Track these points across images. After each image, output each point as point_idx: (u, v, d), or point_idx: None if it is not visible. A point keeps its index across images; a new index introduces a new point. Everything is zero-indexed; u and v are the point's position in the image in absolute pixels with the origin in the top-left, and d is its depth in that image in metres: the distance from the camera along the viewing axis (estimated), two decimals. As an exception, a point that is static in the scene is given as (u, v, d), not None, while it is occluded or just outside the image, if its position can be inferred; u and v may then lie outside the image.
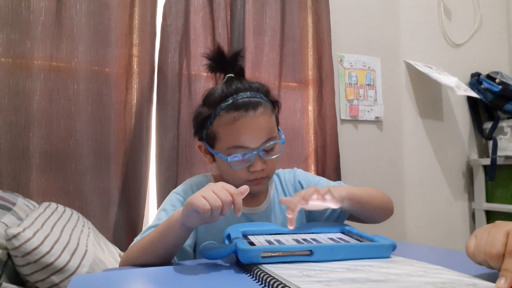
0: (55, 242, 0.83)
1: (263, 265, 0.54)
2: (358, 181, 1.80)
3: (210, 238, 0.77)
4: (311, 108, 1.74)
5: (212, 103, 0.80)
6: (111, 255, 1.10)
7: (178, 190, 0.86)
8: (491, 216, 2.03)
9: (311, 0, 1.76)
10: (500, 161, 1.95)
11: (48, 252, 0.80)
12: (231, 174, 0.81)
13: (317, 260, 0.57)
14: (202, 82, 1.51)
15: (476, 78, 2.13)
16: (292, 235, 0.71)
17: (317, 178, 0.94)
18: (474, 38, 2.25)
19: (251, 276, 0.52)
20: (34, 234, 0.79)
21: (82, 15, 1.35)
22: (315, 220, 0.89)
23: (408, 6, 2.05)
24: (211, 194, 0.59)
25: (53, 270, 0.80)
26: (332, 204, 0.73)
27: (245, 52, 1.59)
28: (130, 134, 1.40)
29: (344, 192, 0.76)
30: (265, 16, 1.65)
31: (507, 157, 1.93)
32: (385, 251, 0.61)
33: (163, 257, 0.68)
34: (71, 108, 1.32)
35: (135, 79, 1.42)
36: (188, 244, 0.78)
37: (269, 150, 0.81)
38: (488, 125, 2.11)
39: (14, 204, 0.98)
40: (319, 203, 0.71)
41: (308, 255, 0.57)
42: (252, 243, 0.61)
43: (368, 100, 1.88)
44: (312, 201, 0.69)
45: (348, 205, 0.77)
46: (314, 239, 0.66)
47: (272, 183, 0.92)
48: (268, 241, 0.64)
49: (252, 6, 1.62)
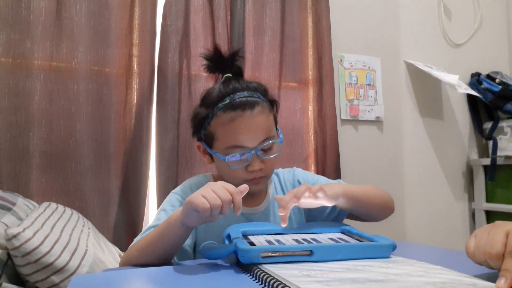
0: (55, 242, 0.83)
1: (263, 265, 0.54)
2: (358, 181, 1.80)
3: (210, 238, 0.77)
4: (311, 108, 1.74)
5: (210, 103, 0.81)
6: (111, 255, 1.10)
7: (177, 190, 0.86)
8: (491, 216, 2.03)
9: (311, 0, 1.76)
10: (500, 161, 1.95)
11: (48, 252, 0.80)
12: (230, 174, 0.81)
13: (317, 260, 0.57)
14: (202, 82, 1.51)
15: (476, 78, 2.13)
16: (292, 235, 0.71)
17: (316, 177, 0.93)
18: (474, 38, 2.25)
19: (251, 276, 0.52)
20: (34, 234, 0.79)
21: (82, 15, 1.35)
22: (314, 220, 0.89)
23: (408, 6, 2.05)
24: (211, 193, 0.59)
25: (53, 270, 0.80)
26: (325, 202, 0.72)
27: (245, 52, 1.59)
28: (130, 134, 1.40)
29: (339, 189, 0.75)
30: (265, 16, 1.65)
31: (507, 157, 1.93)
32: (385, 251, 0.61)
33: (163, 257, 0.68)
34: (71, 108, 1.32)
35: (135, 79, 1.43)
36: (188, 244, 0.78)
37: (267, 150, 0.81)
38: (488, 125, 2.11)
39: (14, 204, 0.98)
40: (312, 200, 0.70)
41: (308, 255, 0.57)
42: (252, 243, 0.61)
43: (369, 100, 1.88)
44: (304, 198, 0.68)
45: (343, 202, 0.76)
46: (314, 239, 0.66)
47: (271, 182, 0.92)
48: (268, 241, 0.64)
49: (252, 6, 1.62)
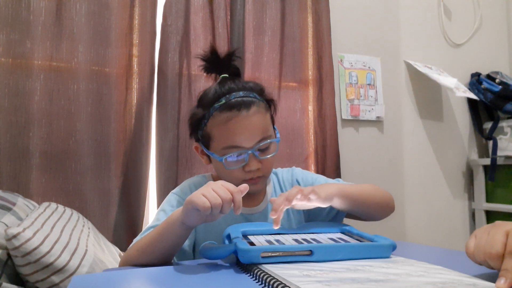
0: (55, 242, 0.83)
1: (263, 265, 0.54)
2: (358, 181, 1.78)
3: (209, 238, 0.77)
4: (311, 108, 1.74)
5: (206, 104, 0.80)
6: (111, 255, 1.10)
7: (176, 190, 0.86)
8: (491, 216, 2.03)
9: (311, 0, 1.76)
10: (500, 161, 1.95)
11: (48, 252, 0.80)
12: (227, 175, 0.81)
13: (317, 260, 0.57)
14: (202, 82, 1.51)
15: (476, 78, 2.13)
16: (292, 235, 0.71)
17: (315, 176, 0.93)
18: (474, 38, 2.25)
19: (251, 276, 0.52)
20: (34, 234, 0.79)
21: (82, 15, 1.35)
22: (313, 219, 0.89)
23: (408, 6, 2.05)
24: (211, 192, 0.60)
25: (53, 270, 0.80)
26: (318, 204, 0.72)
27: (245, 52, 1.59)
28: (130, 134, 1.40)
29: (332, 190, 0.74)
30: (265, 16, 1.65)
31: (507, 157, 1.93)
32: (385, 251, 0.61)
33: (163, 256, 0.68)
34: (71, 108, 1.32)
35: (135, 79, 1.42)
36: (187, 245, 0.78)
37: (264, 149, 0.80)
38: (488, 125, 2.11)
39: (14, 204, 0.98)
40: (305, 203, 0.70)
41: (308, 255, 0.57)
42: (252, 243, 0.61)
43: (369, 99, 1.88)
44: (296, 201, 0.68)
45: (339, 203, 0.76)
46: (314, 239, 0.66)
47: (270, 182, 0.92)
48: (268, 241, 0.64)
49: (252, 6, 1.62)
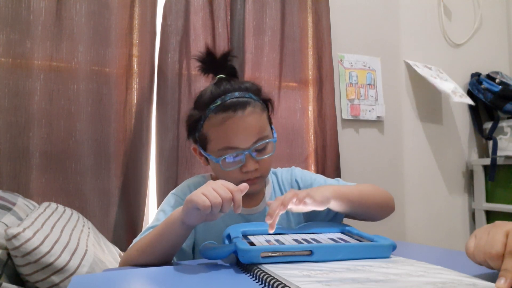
0: (55, 242, 0.83)
1: (263, 265, 0.54)
2: (358, 181, 1.79)
3: (209, 238, 0.76)
4: (311, 108, 1.74)
5: (202, 106, 0.80)
6: (111, 255, 1.10)
7: (176, 191, 0.86)
8: (491, 216, 2.03)
9: (311, 0, 1.76)
10: (500, 161, 1.95)
11: (48, 252, 0.80)
12: (225, 176, 0.80)
13: (317, 260, 0.57)
14: (202, 82, 1.51)
15: (476, 78, 2.13)
16: (292, 235, 0.71)
17: (314, 176, 0.93)
18: (474, 38, 2.25)
19: (251, 276, 0.52)
20: (34, 234, 0.79)
21: (82, 15, 1.35)
22: (313, 220, 0.88)
23: (408, 6, 2.05)
24: (211, 191, 0.60)
25: (53, 270, 0.80)
26: (314, 207, 0.71)
27: (245, 52, 1.59)
28: (130, 134, 1.40)
29: (329, 192, 0.74)
30: (265, 16, 1.65)
31: (507, 157, 1.93)
32: (385, 251, 0.61)
33: (163, 256, 0.68)
34: (71, 108, 1.32)
35: (135, 79, 1.42)
36: (187, 245, 0.78)
37: (261, 150, 0.80)
38: (488, 125, 2.11)
39: (14, 204, 0.98)
40: (301, 207, 0.69)
41: (308, 255, 0.57)
42: (252, 243, 0.61)
43: (369, 99, 1.88)
44: (292, 204, 0.67)
45: (335, 205, 0.75)
46: (314, 239, 0.66)
47: (270, 182, 0.92)
48: (268, 241, 0.64)
49: (252, 6, 1.62)
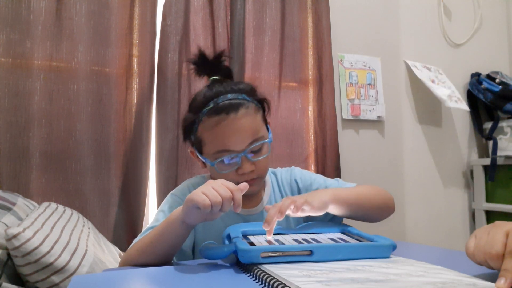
0: (55, 242, 0.83)
1: (263, 265, 0.54)
2: (358, 181, 1.79)
3: (208, 239, 0.76)
4: (311, 108, 1.74)
5: (195, 109, 0.80)
6: (111, 255, 1.10)
7: (175, 191, 0.86)
8: (491, 216, 2.03)
9: (311, 0, 1.76)
10: (500, 161, 1.95)
11: (48, 252, 0.80)
12: (222, 178, 0.80)
13: (317, 260, 0.57)
14: (202, 82, 1.50)
15: (476, 78, 2.13)
16: (292, 235, 0.71)
17: (314, 176, 0.93)
18: (474, 38, 2.25)
19: (251, 276, 0.52)
20: (34, 234, 0.79)
21: (82, 15, 1.35)
22: (312, 220, 0.88)
23: (408, 6, 2.05)
24: (211, 190, 0.60)
25: (53, 270, 0.80)
26: (312, 213, 0.71)
27: (245, 52, 1.59)
28: (130, 134, 1.40)
29: (327, 197, 0.73)
30: (265, 16, 1.65)
31: (507, 157, 1.93)
32: (385, 251, 0.61)
33: (163, 256, 0.68)
34: (71, 108, 1.32)
35: (135, 79, 1.42)
36: (187, 245, 0.78)
37: (256, 151, 0.79)
38: (488, 125, 2.11)
39: (14, 204, 0.98)
40: (300, 213, 0.69)
41: (308, 255, 0.57)
42: (252, 243, 0.61)
43: (370, 99, 1.88)
44: (289, 211, 0.67)
45: (334, 209, 0.75)
46: (314, 239, 0.66)
47: (269, 182, 0.92)
48: (268, 241, 0.64)
49: (252, 6, 1.62)
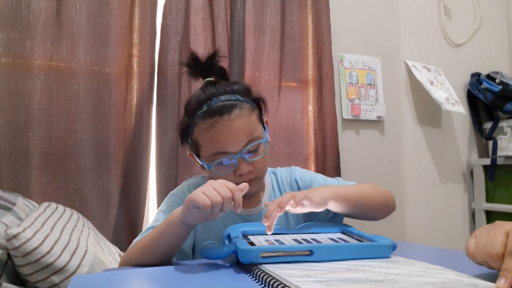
0: (55, 242, 0.83)
1: (263, 265, 0.54)
2: (358, 180, 1.79)
3: (208, 239, 0.76)
4: (311, 108, 1.74)
5: (190, 112, 0.80)
6: (111, 255, 1.10)
7: (175, 191, 0.86)
8: (491, 216, 2.03)
9: (311, 0, 1.76)
10: (500, 161, 1.95)
11: (48, 252, 0.80)
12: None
13: (317, 260, 0.57)
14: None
15: (476, 78, 2.13)
16: (292, 235, 0.71)
17: (314, 175, 0.93)
18: (474, 38, 2.25)
19: (251, 276, 0.52)
20: (34, 234, 0.79)
21: (82, 15, 1.35)
22: (312, 219, 0.88)
23: (408, 6, 2.05)
24: (211, 190, 0.60)
25: (53, 270, 0.80)
26: (312, 209, 0.71)
27: (245, 52, 1.59)
28: (130, 134, 1.40)
29: (327, 193, 0.73)
30: (265, 16, 1.65)
31: (507, 157, 1.93)
32: (385, 251, 0.61)
33: (163, 256, 0.68)
34: (71, 108, 1.32)
35: (135, 79, 1.42)
36: (187, 246, 0.78)
37: (253, 151, 0.79)
38: (488, 125, 2.11)
39: (14, 204, 0.98)
40: (299, 209, 0.69)
41: (308, 255, 0.57)
42: (252, 243, 0.61)
43: (370, 99, 1.88)
44: (289, 206, 0.67)
45: (334, 206, 0.75)
46: (314, 239, 0.66)
47: (269, 182, 0.92)
48: (268, 241, 0.64)
49: (252, 6, 1.62)
